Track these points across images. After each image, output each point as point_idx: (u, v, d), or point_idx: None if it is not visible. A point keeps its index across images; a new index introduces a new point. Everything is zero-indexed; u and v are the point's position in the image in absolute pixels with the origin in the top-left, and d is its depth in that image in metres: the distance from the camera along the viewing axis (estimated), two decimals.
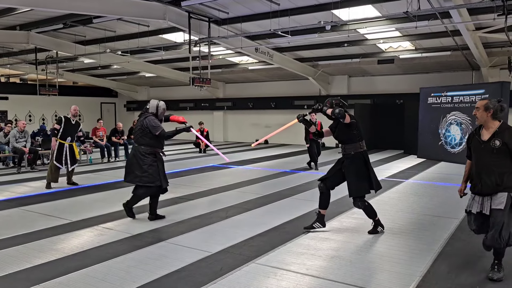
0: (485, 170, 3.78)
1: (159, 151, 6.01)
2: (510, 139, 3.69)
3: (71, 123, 8.57)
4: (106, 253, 4.53)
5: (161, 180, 5.90)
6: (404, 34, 12.29)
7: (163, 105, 6.13)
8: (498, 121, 3.81)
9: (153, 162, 5.88)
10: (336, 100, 5.39)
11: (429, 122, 13.08)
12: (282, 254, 4.49)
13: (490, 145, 3.74)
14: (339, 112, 5.05)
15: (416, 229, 5.46)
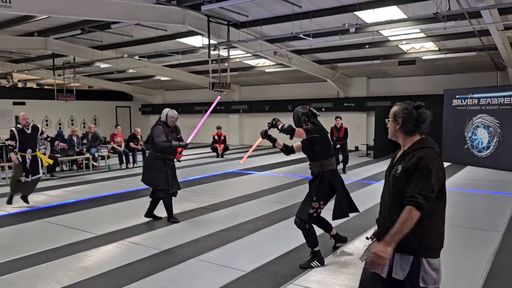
0: (384, 208, 2.59)
1: (169, 158, 6.27)
2: (409, 163, 2.40)
3: (26, 133, 7.49)
4: (137, 271, 4.35)
5: (169, 184, 6.18)
6: (428, 35, 11.94)
7: (172, 114, 6.25)
8: (415, 137, 2.54)
9: (162, 168, 6.20)
10: (303, 108, 4.67)
11: (454, 124, 12.71)
12: (320, 273, 4.25)
13: (391, 172, 2.54)
14: (286, 128, 4.37)
15: (456, 244, 5.16)
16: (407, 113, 2.55)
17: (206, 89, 20.87)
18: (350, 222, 6.16)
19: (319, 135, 4.55)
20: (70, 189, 9.45)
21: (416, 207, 2.26)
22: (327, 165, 4.56)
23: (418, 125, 2.54)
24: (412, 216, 2.27)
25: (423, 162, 2.36)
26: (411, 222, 2.27)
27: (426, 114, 2.57)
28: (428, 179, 2.31)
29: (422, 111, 2.56)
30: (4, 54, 16.26)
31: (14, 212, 7.16)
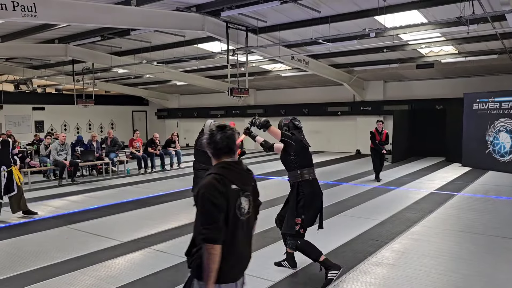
0: None
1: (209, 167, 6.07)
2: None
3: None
4: (164, 281, 4.36)
5: None
6: (448, 38, 11.80)
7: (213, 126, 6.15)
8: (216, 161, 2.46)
9: (203, 176, 5.98)
10: (286, 120, 4.54)
11: (475, 129, 12.52)
12: (350, 284, 4.21)
13: None
14: (261, 122, 4.25)
15: (487, 254, 5.06)
16: (209, 135, 2.45)
17: (221, 94, 21.06)
18: (375, 230, 6.11)
19: (294, 143, 4.35)
20: (91, 194, 9.55)
21: (208, 242, 2.20)
22: (303, 175, 4.36)
23: (215, 148, 2.42)
24: (210, 251, 2.20)
25: (200, 192, 2.28)
26: (213, 257, 2.20)
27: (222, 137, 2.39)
28: (206, 210, 2.24)
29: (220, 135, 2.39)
30: (25, 60, 16.54)
31: (39, 218, 7.26)
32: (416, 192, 9.02)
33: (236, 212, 2.33)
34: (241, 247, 2.37)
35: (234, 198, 2.33)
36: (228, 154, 2.41)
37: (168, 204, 8.36)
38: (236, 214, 2.33)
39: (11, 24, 10.85)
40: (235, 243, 2.33)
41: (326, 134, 19.49)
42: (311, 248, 4.30)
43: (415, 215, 6.94)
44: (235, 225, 2.31)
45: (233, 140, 2.40)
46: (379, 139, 10.57)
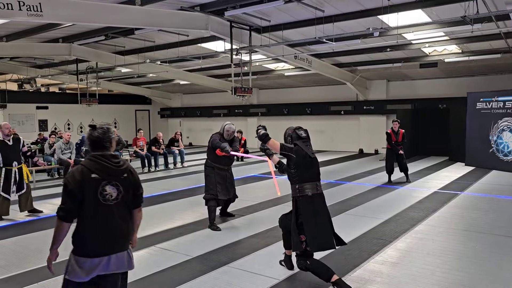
0: None
1: (217, 166, 6.52)
2: None
3: (7, 144, 7.01)
4: (171, 279, 4.39)
5: (217, 190, 6.42)
6: (452, 38, 11.79)
7: (228, 128, 6.56)
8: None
9: (210, 174, 6.55)
10: (290, 130, 4.47)
11: (478, 128, 12.50)
12: (355, 282, 4.22)
13: None
14: (260, 135, 4.35)
15: (492, 253, 5.07)
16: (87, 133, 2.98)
17: (224, 93, 21.10)
18: (379, 229, 6.12)
19: (295, 156, 4.17)
20: None
21: (58, 218, 2.79)
22: (301, 190, 4.16)
23: (90, 144, 2.93)
24: (58, 225, 2.81)
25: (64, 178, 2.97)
26: (58, 230, 2.83)
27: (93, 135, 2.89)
28: (63, 193, 2.80)
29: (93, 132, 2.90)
30: (29, 59, 16.61)
31: (44, 217, 7.30)
32: (419, 191, 9.03)
33: (98, 197, 2.80)
34: (107, 226, 2.84)
35: (94, 186, 2.79)
36: (100, 148, 2.89)
37: (172, 202, 8.40)
38: (98, 199, 2.80)
39: (15, 24, 10.91)
40: (96, 223, 2.81)
41: (329, 133, 19.49)
42: (323, 269, 4.04)
43: (419, 214, 6.95)
44: (96, 208, 2.80)
45: (104, 138, 2.89)
46: (395, 140, 10.23)
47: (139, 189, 3.04)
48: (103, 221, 2.82)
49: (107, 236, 2.85)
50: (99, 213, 2.81)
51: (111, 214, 2.85)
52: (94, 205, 2.79)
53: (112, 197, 2.85)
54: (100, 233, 2.83)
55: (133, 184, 2.98)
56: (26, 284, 4.30)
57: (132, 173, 3.00)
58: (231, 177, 6.75)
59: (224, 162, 6.53)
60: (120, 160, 2.96)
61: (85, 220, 2.82)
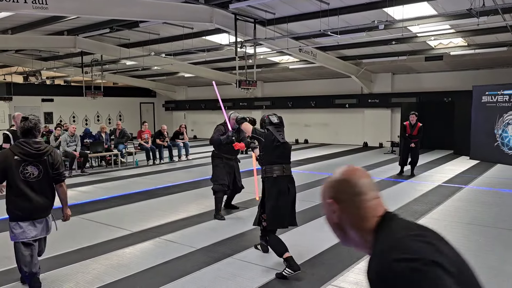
0: None
1: (224, 156, 6.61)
2: None
3: None
4: (175, 270, 4.44)
5: (227, 180, 6.54)
6: (457, 31, 11.70)
7: (233, 116, 6.41)
8: None
9: (219, 164, 6.63)
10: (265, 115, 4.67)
11: (483, 122, 12.45)
12: (358, 274, 4.26)
13: None
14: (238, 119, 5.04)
15: (496, 246, 5.08)
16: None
17: (228, 86, 21.06)
18: None
19: (264, 139, 4.45)
20: (101, 185, 9.67)
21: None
22: (267, 172, 4.43)
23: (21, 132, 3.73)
24: None
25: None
26: None
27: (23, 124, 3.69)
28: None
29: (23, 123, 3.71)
30: (34, 52, 16.66)
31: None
32: (423, 184, 9.03)
33: (20, 175, 3.63)
34: (31, 198, 3.70)
35: (16, 166, 3.61)
36: (26, 136, 3.69)
37: (177, 195, 8.45)
38: (20, 176, 3.63)
39: (20, 16, 10.93)
40: (21, 195, 3.67)
41: (333, 126, 19.48)
42: (279, 246, 4.33)
43: (422, 208, 6.96)
44: (19, 184, 3.64)
45: (35, 128, 3.72)
46: (409, 133, 10.09)
47: (58, 169, 3.85)
48: (24, 194, 3.66)
49: (32, 205, 3.71)
50: (21, 188, 3.65)
51: (31, 188, 3.69)
52: (17, 181, 3.64)
53: (33, 175, 3.69)
54: (25, 202, 3.68)
55: (52, 165, 3.78)
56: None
57: (52, 156, 3.79)
58: (238, 168, 6.84)
59: (231, 151, 6.58)
60: (41, 145, 3.75)
61: (11, 193, 3.69)
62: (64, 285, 4.08)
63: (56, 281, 4.18)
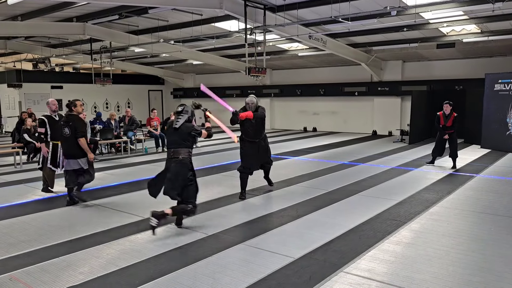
0: None
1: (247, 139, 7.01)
2: None
3: (55, 120, 7.43)
4: (188, 256, 4.48)
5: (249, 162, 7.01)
6: (471, 17, 11.50)
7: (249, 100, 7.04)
8: None
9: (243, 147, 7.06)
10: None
11: (495, 110, 12.30)
12: (370, 261, 4.26)
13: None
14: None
15: (508, 235, 5.05)
16: None
17: (237, 73, 21.00)
18: (394, 210, 6.13)
19: (167, 126, 5.54)
20: (111, 172, 9.74)
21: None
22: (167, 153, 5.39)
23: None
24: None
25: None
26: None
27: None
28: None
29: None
30: (43, 39, 16.68)
31: (62, 194, 7.45)
32: (434, 173, 8.98)
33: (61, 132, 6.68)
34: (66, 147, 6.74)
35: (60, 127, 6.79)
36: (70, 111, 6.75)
37: None
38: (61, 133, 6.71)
39: (30, 3, 10.93)
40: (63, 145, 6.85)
41: (342, 114, 19.37)
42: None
43: (433, 196, 6.93)
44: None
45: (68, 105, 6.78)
46: (443, 124, 9.57)
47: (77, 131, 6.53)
48: (65, 144, 6.66)
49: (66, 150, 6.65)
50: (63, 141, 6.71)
51: (67, 141, 6.59)
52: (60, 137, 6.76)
53: (67, 133, 6.56)
54: (64, 149, 6.70)
55: (75, 128, 6.53)
56: (48, 259, 4.42)
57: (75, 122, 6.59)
58: (264, 147, 7.15)
59: (250, 134, 6.91)
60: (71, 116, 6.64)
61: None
62: (79, 269, 4.13)
63: (72, 265, 4.23)
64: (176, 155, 5.17)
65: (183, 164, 5.17)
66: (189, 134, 5.23)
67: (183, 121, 5.26)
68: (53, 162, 7.46)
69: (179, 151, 5.18)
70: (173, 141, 5.24)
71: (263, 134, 7.13)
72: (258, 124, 6.94)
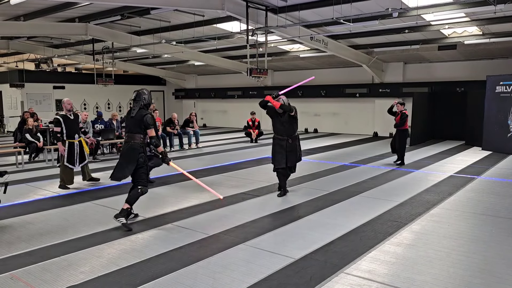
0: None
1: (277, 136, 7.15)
2: None
3: (70, 119, 7.79)
4: (188, 256, 4.48)
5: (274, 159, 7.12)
6: (472, 19, 11.51)
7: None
8: None
9: (273, 144, 7.16)
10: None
11: (497, 112, 12.29)
12: (370, 262, 4.26)
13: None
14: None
15: (509, 237, 5.05)
16: None
17: (238, 74, 21.03)
18: (394, 211, 6.13)
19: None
20: None
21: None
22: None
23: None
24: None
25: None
26: None
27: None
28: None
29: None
30: (45, 39, 16.73)
31: (63, 194, 7.47)
32: (435, 175, 8.97)
33: None
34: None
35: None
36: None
37: (188, 182, 8.45)
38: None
39: (32, 3, 10.97)
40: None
41: (343, 116, 19.37)
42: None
43: (434, 198, 6.93)
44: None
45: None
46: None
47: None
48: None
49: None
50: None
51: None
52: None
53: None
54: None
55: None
56: (49, 258, 4.43)
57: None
58: (291, 146, 6.98)
59: (279, 130, 6.96)
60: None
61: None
62: (80, 269, 4.14)
63: (72, 265, 4.24)
64: (129, 140, 5.61)
65: (133, 148, 5.55)
66: (141, 121, 5.56)
67: (137, 109, 5.61)
68: (69, 160, 7.77)
69: (132, 136, 5.59)
70: (128, 126, 5.70)
71: (293, 133, 7.04)
72: (287, 121, 6.94)
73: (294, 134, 7.07)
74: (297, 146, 7.13)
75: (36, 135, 11.72)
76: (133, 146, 5.53)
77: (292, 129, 7.03)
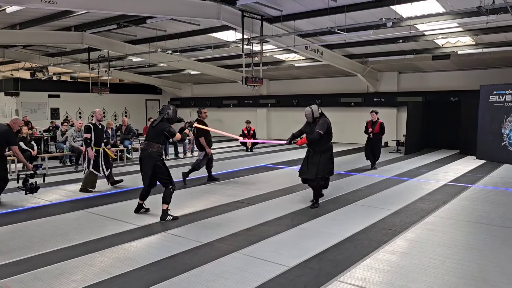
0: None
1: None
2: None
3: (99, 128, 8.24)
4: (181, 264, 4.45)
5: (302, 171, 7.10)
6: (466, 29, 11.63)
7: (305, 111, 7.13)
8: None
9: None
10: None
11: (490, 121, 12.37)
12: (365, 271, 4.24)
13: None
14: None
15: (503, 245, 5.05)
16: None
17: (234, 83, 21.09)
18: (389, 220, 6.13)
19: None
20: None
21: None
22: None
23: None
24: None
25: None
26: None
27: None
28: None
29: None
30: (41, 48, 16.74)
31: (56, 202, 7.41)
32: (429, 183, 8.99)
33: None
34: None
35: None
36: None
37: (182, 190, 8.46)
38: None
39: (28, 11, 10.99)
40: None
41: (339, 125, 19.33)
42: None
43: (428, 206, 6.94)
44: None
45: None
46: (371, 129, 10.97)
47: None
48: None
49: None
50: None
51: None
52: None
53: None
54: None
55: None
56: (41, 266, 4.38)
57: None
58: (313, 159, 6.87)
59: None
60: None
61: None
62: (72, 277, 4.10)
63: (64, 273, 4.19)
64: (146, 147, 6.11)
65: (151, 156, 6.05)
66: (161, 132, 6.04)
67: (159, 120, 6.15)
68: (95, 166, 8.17)
69: (149, 144, 6.07)
70: (148, 135, 6.19)
71: (315, 147, 6.85)
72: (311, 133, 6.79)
73: (317, 148, 6.86)
74: (319, 161, 6.83)
75: (30, 144, 11.66)
76: (151, 154, 6.05)
77: (318, 143, 6.80)
